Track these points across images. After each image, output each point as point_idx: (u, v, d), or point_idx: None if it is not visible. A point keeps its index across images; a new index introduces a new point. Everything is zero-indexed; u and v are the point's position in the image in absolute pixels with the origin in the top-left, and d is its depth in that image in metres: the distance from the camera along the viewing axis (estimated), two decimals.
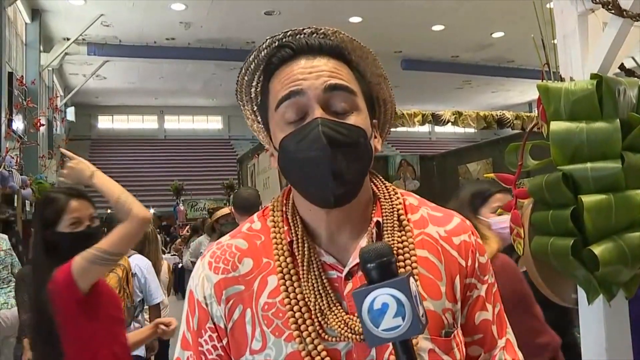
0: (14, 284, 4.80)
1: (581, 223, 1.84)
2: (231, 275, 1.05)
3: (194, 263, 8.95)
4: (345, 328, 0.97)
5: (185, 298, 1.13)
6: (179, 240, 13.81)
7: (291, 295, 1.00)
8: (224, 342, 1.05)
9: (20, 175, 6.96)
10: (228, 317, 1.04)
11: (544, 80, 2.12)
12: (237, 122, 30.84)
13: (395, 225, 1.06)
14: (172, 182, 19.99)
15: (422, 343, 0.99)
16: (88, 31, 15.88)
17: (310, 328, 0.98)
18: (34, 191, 7.13)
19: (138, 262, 4.53)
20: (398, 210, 1.09)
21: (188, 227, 13.89)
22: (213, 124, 31.61)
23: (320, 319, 0.99)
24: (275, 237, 1.07)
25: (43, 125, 11.27)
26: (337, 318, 0.98)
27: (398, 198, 1.11)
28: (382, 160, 6.49)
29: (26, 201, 6.85)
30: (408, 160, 10.08)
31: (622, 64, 2.09)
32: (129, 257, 4.48)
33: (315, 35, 1.08)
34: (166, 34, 17.36)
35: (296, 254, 1.04)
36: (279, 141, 1.02)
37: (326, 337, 0.98)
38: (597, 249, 1.79)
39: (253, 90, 1.18)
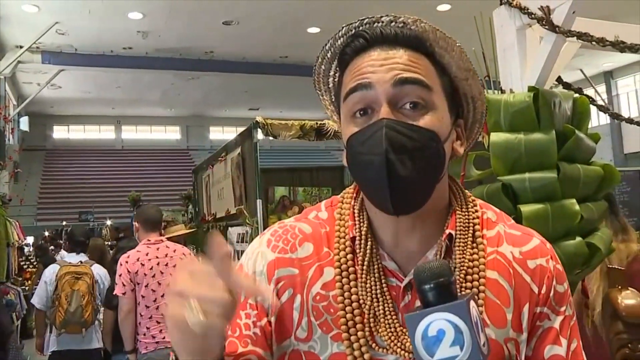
0: None
1: None
2: (287, 256, 1.00)
3: None
4: (396, 341, 0.91)
5: None
6: None
7: (345, 295, 0.95)
8: (263, 322, 0.98)
9: None
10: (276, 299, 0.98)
11: (485, 92, 2.18)
12: (195, 132, 30.64)
13: (469, 242, 0.98)
14: (130, 193, 19.65)
15: None
16: (42, 39, 15.57)
17: (359, 333, 0.92)
18: None
19: (98, 271, 5.05)
20: (474, 224, 1.01)
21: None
22: (171, 134, 31.27)
23: (372, 325, 0.93)
24: (339, 230, 1.01)
25: None
26: (390, 328, 0.92)
27: (476, 211, 1.03)
28: (338, 170, 6.44)
29: None
30: None
31: (560, 77, 2.16)
32: (90, 266, 4.98)
33: (393, 23, 0.98)
34: (123, 43, 17.14)
35: (357, 251, 0.97)
36: (346, 137, 0.96)
37: (375, 346, 0.92)
38: None
39: (331, 80, 1.09)
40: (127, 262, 4.12)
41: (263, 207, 4.72)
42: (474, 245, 0.98)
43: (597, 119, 20.52)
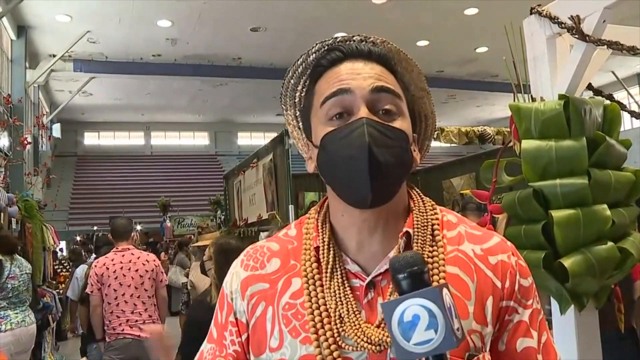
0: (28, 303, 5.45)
1: (552, 237, 1.92)
2: (258, 272, 1.09)
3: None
4: (362, 337, 0.96)
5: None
6: (162, 254, 13.98)
7: (313, 300, 1.02)
8: (243, 337, 1.08)
9: (7, 193, 6.95)
10: (250, 314, 1.07)
11: (516, 100, 2.22)
12: (223, 138, 30.91)
13: (427, 239, 1.04)
14: (159, 198, 19.92)
15: None
16: (74, 48, 15.89)
17: (328, 334, 0.98)
18: (20, 209, 7.11)
19: None
20: (433, 224, 1.07)
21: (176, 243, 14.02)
22: (199, 139, 31.58)
23: (338, 325, 0.99)
24: (305, 243, 1.09)
25: (30, 143, 11.24)
26: (355, 326, 0.98)
27: (435, 213, 1.10)
28: None
29: (12, 219, 6.82)
30: None
31: (590, 83, 2.19)
32: None
33: (364, 42, 1.10)
34: (152, 50, 17.41)
35: (322, 259, 1.05)
36: (319, 138, 1.03)
37: (342, 344, 0.98)
38: (567, 262, 1.87)
39: (297, 94, 1.18)
40: (96, 266, 4.95)
41: (294, 213, 4.79)
42: (433, 243, 1.05)
43: (630, 122, 20.17)
